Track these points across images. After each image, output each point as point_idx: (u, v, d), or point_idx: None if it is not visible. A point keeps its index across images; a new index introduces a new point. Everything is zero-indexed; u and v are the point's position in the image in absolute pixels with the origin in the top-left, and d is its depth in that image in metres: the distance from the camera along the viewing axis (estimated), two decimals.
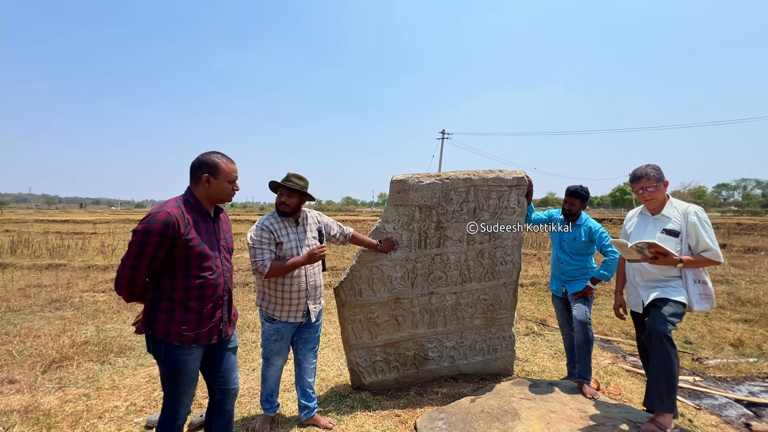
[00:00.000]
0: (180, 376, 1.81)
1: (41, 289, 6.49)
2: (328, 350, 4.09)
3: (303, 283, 2.45)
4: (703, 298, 2.40)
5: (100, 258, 9.81)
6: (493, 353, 3.36)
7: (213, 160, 1.84)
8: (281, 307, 2.44)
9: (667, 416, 2.27)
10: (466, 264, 3.16)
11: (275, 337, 2.47)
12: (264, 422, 2.58)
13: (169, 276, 1.76)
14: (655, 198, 2.51)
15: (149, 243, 1.66)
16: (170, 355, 1.77)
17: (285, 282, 2.41)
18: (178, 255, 1.74)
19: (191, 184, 1.86)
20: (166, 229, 1.67)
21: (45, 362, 3.60)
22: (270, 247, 2.35)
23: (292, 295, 2.43)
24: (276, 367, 2.55)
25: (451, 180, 3.02)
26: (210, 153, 1.86)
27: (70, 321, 4.88)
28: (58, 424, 2.64)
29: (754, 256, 10.97)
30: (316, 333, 2.63)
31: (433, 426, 2.49)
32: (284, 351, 2.55)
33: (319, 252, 2.40)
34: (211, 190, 1.85)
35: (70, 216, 27.45)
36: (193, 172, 1.85)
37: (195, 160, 1.85)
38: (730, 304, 5.92)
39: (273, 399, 2.62)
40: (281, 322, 2.46)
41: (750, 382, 3.49)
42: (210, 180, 1.83)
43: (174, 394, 1.83)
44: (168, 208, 1.72)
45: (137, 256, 1.66)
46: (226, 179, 1.87)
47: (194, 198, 1.85)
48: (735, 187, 73.52)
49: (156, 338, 1.76)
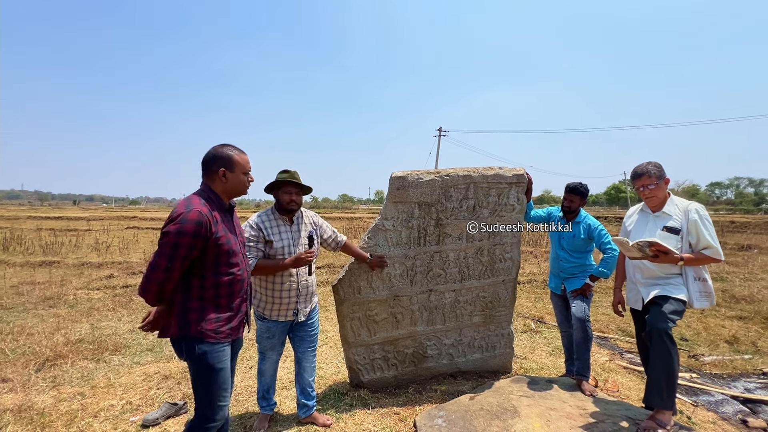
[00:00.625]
0: (217, 375, 1.77)
1: (34, 287, 6.41)
2: (326, 348, 4.08)
3: (295, 283, 2.43)
4: (703, 295, 2.41)
5: (94, 255, 9.71)
6: (492, 350, 3.36)
7: (227, 153, 1.80)
8: (271, 306, 2.43)
9: (666, 413, 2.27)
10: (466, 261, 3.15)
11: (267, 335, 2.48)
12: (261, 421, 2.56)
13: (198, 276, 1.73)
14: (656, 195, 2.50)
15: (183, 244, 1.61)
16: (206, 353, 1.73)
17: (276, 281, 2.39)
18: (209, 254, 1.71)
19: (206, 180, 1.82)
20: (200, 228, 1.64)
21: (39, 361, 3.55)
22: (258, 245, 2.33)
23: (282, 294, 2.41)
24: (271, 360, 2.56)
25: (450, 177, 3.00)
26: (221, 146, 1.83)
27: (64, 319, 4.82)
28: (52, 424, 2.60)
29: (747, 253, 11.07)
30: (313, 331, 2.61)
31: (433, 424, 2.48)
32: (278, 347, 2.56)
33: (306, 257, 2.34)
34: (228, 183, 1.82)
35: (63, 213, 27.17)
36: (207, 167, 1.81)
37: (207, 155, 1.81)
38: (725, 301, 5.97)
39: (269, 396, 2.60)
40: (271, 320, 2.45)
41: (745, 378, 3.52)
42: (226, 174, 1.80)
43: (210, 396, 1.78)
44: (197, 207, 1.67)
45: (171, 258, 1.61)
46: (242, 171, 1.85)
47: (214, 194, 1.81)
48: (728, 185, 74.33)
49: (190, 338, 1.72)
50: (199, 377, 1.77)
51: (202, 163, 1.82)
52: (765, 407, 3.00)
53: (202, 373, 1.75)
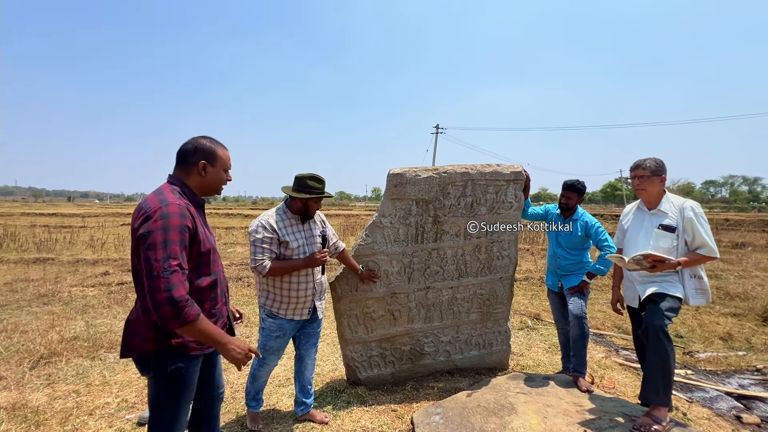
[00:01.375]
0: (184, 389, 1.58)
1: (28, 284, 6.35)
2: (323, 345, 4.07)
3: (311, 281, 2.41)
4: (698, 292, 2.42)
5: (89, 252, 9.64)
6: (489, 348, 3.36)
7: (210, 147, 1.65)
8: (287, 305, 2.38)
9: (662, 410, 2.29)
10: (463, 259, 3.15)
11: (277, 334, 2.40)
12: (254, 419, 2.53)
13: None
14: (646, 189, 2.50)
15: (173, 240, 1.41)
16: (180, 368, 1.53)
17: (293, 280, 2.36)
18: (191, 253, 1.54)
19: (180, 173, 1.64)
20: (184, 221, 1.46)
21: (33, 358, 3.52)
22: (271, 246, 2.28)
23: (299, 293, 2.38)
24: (269, 367, 2.48)
25: (448, 174, 2.99)
26: (203, 138, 1.67)
27: (59, 316, 4.78)
28: (47, 422, 2.58)
29: (741, 251, 11.15)
30: (318, 327, 2.60)
31: (430, 421, 2.48)
32: (282, 349, 2.48)
33: (321, 256, 2.35)
34: (207, 178, 1.65)
35: (58, 209, 26.94)
36: (185, 158, 1.62)
37: (187, 145, 1.64)
38: (719, 298, 6.02)
39: (260, 396, 2.55)
40: (285, 319, 2.39)
41: (740, 375, 3.55)
42: (207, 168, 1.64)
43: (173, 412, 1.58)
44: (174, 200, 1.48)
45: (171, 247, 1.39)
46: (223, 167, 1.70)
47: (188, 188, 1.63)
48: (723, 183, 74.89)
49: (165, 353, 1.51)
50: (165, 395, 1.55)
51: (178, 154, 1.64)
52: (759, 403, 3.03)
53: (171, 390, 1.55)
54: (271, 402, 2.88)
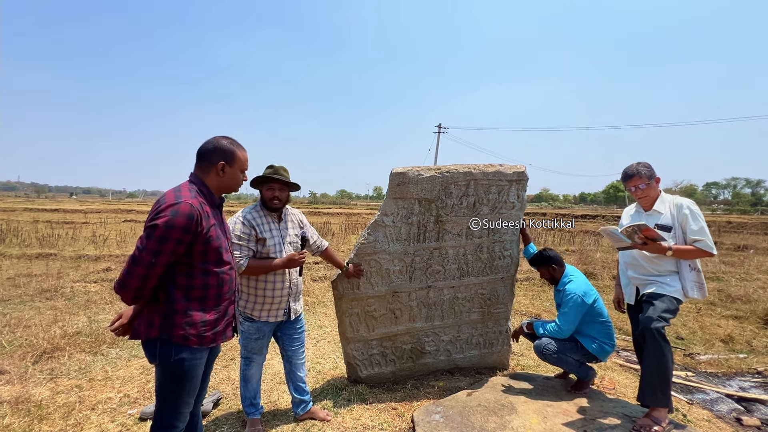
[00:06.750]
0: (188, 382, 1.65)
1: (31, 279, 6.37)
2: (324, 343, 4.08)
3: (287, 281, 2.37)
4: (696, 286, 2.42)
5: (91, 248, 9.67)
6: (490, 347, 3.37)
7: (229, 147, 1.71)
8: (261, 306, 2.34)
9: (662, 411, 2.29)
10: (465, 258, 3.15)
11: (256, 336, 2.38)
12: (253, 425, 2.45)
13: (185, 274, 1.61)
14: (648, 195, 2.54)
15: (171, 238, 1.50)
16: (183, 359, 1.60)
17: (268, 280, 2.32)
18: (196, 250, 1.60)
19: (200, 172, 1.71)
20: (190, 223, 1.52)
21: (36, 353, 3.55)
22: (249, 244, 2.25)
23: (275, 293, 2.34)
24: (257, 364, 2.46)
25: (451, 173, 2.99)
26: (223, 138, 1.73)
27: (62, 311, 4.81)
28: (49, 416, 2.60)
29: (743, 254, 11.12)
30: (300, 328, 2.56)
31: (431, 419, 2.49)
32: (265, 348, 2.47)
33: (300, 258, 2.30)
34: (225, 179, 1.72)
35: (60, 205, 27.03)
36: (205, 158, 1.69)
37: (207, 144, 1.70)
38: (720, 300, 6.00)
39: (257, 401, 2.50)
40: (261, 321, 2.36)
41: (740, 377, 3.55)
42: (225, 168, 1.70)
43: (175, 403, 1.65)
44: (188, 199, 1.55)
45: (156, 252, 1.48)
46: (240, 168, 1.76)
47: (206, 187, 1.70)
48: (725, 185, 74.59)
49: (169, 342, 1.58)
50: (168, 383, 1.63)
51: (198, 153, 1.71)
52: (759, 406, 3.03)
53: (174, 379, 1.63)
54: (272, 399, 2.90)
